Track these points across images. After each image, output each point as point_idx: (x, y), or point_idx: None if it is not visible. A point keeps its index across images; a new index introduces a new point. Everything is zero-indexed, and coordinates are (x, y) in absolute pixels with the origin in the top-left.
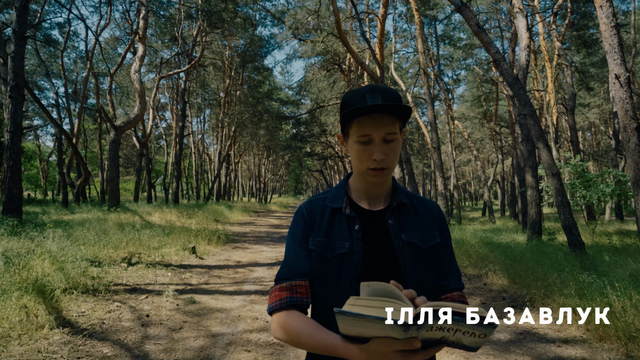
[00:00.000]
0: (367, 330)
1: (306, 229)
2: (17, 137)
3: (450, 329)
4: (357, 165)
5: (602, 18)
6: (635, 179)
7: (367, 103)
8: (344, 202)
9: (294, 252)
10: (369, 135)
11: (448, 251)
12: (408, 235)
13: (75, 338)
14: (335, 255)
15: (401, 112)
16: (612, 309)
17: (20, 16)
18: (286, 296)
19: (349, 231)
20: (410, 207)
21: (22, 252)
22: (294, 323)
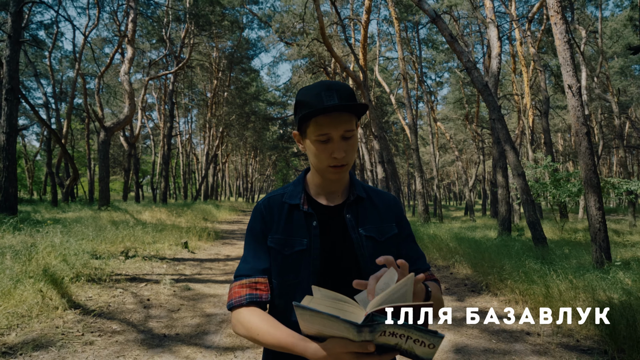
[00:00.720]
0: (325, 329)
1: (264, 225)
2: (13, 138)
3: (402, 336)
4: (316, 163)
5: (556, 34)
6: (586, 178)
7: (323, 102)
8: (301, 198)
9: (253, 249)
10: (328, 134)
11: (410, 238)
12: (366, 228)
13: (86, 317)
14: (293, 252)
15: (357, 110)
16: (549, 289)
17: (15, 21)
18: (246, 293)
19: (307, 228)
20: (367, 201)
21: (27, 246)
22: (253, 320)
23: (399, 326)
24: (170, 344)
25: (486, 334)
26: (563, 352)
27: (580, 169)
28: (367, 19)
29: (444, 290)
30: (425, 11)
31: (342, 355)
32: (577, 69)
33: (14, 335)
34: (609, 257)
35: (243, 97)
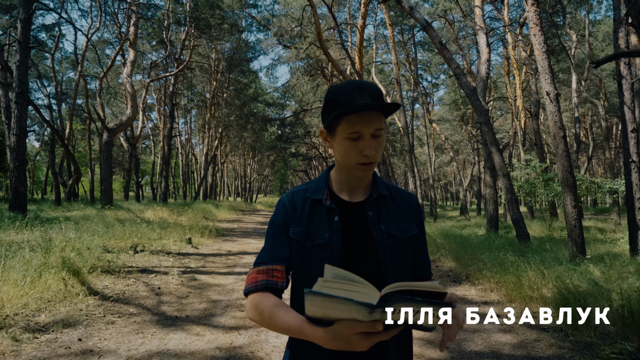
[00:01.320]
0: (333, 312)
1: (287, 218)
2: (23, 140)
3: (413, 311)
4: (345, 160)
5: (535, 44)
6: (563, 178)
7: (356, 101)
8: (324, 194)
9: (273, 238)
10: (360, 131)
11: (424, 243)
12: (387, 226)
13: (105, 302)
14: (314, 245)
15: (387, 109)
16: (519, 279)
17: (25, 28)
18: (262, 279)
19: (329, 222)
20: (389, 199)
21: (45, 241)
22: (266, 304)
23: (414, 303)
24: (182, 324)
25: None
26: (525, 330)
27: (557, 170)
28: (363, 24)
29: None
30: (416, 19)
31: (351, 336)
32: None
33: (44, 316)
34: (583, 252)
35: (242, 99)
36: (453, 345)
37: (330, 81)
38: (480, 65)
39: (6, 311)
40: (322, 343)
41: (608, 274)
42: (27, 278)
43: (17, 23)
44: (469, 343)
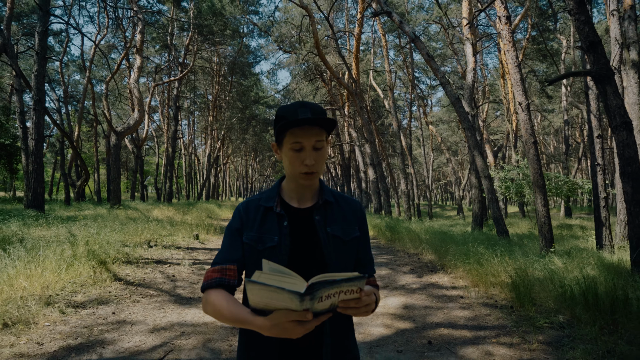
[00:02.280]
0: (270, 301)
1: (241, 224)
2: (40, 144)
3: (335, 294)
4: (290, 170)
5: (508, 59)
6: (534, 180)
7: (298, 116)
8: (275, 201)
9: (228, 242)
10: (301, 143)
11: (366, 243)
12: (332, 228)
13: (129, 287)
14: (265, 248)
15: (327, 124)
16: (483, 267)
17: (42, 40)
18: (216, 277)
19: (279, 227)
20: (335, 205)
21: (70, 236)
22: (218, 299)
23: (334, 284)
24: (195, 303)
25: (430, 298)
26: (481, 308)
27: (530, 173)
28: (359, 32)
29: (409, 271)
30: (405, 32)
31: (286, 324)
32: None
33: (80, 296)
34: (551, 246)
35: (244, 101)
36: (419, 318)
37: (329, 85)
38: (467, 74)
39: (50, 292)
40: (262, 331)
41: (569, 264)
42: (63, 266)
43: (35, 35)
44: (432, 317)
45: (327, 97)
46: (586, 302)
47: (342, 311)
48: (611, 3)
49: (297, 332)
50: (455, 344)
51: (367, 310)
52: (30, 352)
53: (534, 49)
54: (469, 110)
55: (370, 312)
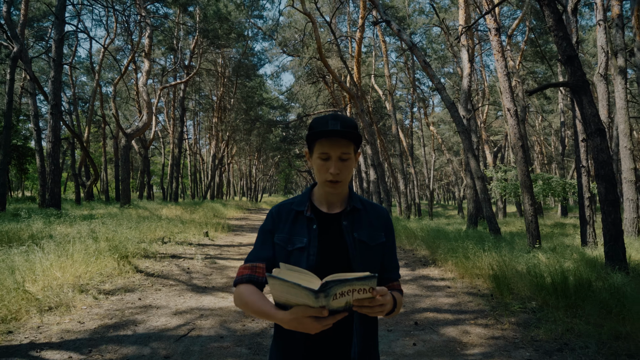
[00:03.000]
0: (290, 297)
1: (273, 226)
2: (57, 146)
3: (349, 292)
4: (318, 177)
5: (498, 69)
6: (522, 181)
7: (328, 128)
8: (306, 206)
9: (260, 241)
10: (328, 153)
11: (392, 249)
12: (359, 234)
13: (150, 278)
14: (295, 248)
15: (354, 138)
16: (474, 262)
17: (58, 47)
18: (247, 273)
19: (308, 229)
20: (362, 211)
21: (91, 232)
22: (247, 294)
23: (346, 282)
24: (210, 291)
25: (420, 287)
26: (464, 296)
27: (518, 174)
28: (361, 37)
29: (403, 265)
30: (403, 40)
31: (303, 319)
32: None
33: (108, 285)
34: (536, 242)
35: (249, 103)
36: (408, 304)
37: (332, 87)
38: (463, 79)
39: (81, 281)
40: (282, 323)
41: (552, 259)
42: (90, 259)
43: (45, 38)
44: (420, 303)
45: (329, 99)
46: (555, 289)
47: (358, 310)
48: (598, 13)
49: (314, 327)
50: (438, 325)
51: (381, 310)
52: (74, 329)
53: (532, 52)
54: (464, 114)
55: (385, 312)
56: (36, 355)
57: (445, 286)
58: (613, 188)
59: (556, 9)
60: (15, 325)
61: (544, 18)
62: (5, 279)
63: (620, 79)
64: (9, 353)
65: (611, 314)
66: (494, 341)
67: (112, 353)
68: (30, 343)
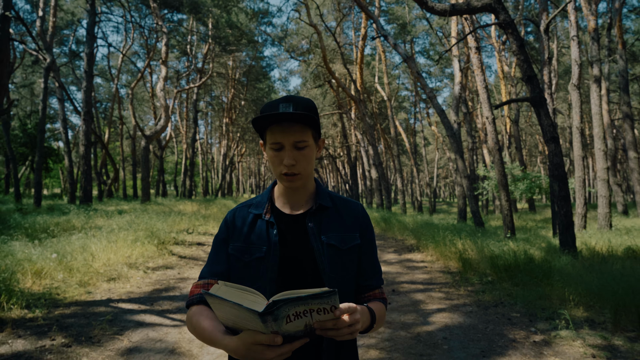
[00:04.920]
0: (238, 321)
1: (227, 234)
2: (89, 149)
3: (305, 313)
4: (273, 170)
5: (477, 82)
6: (499, 180)
7: (278, 111)
8: (265, 208)
9: (213, 254)
10: (280, 142)
11: (371, 251)
12: (328, 236)
13: (183, 259)
14: (252, 259)
15: (310, 122)
16: (445, 246)
17: (89, 60)
18: (198, 293)
19: (267, 236)
20: (332, 210)
21: (130, 223)
22: (196, 317)
23: (299, 301)
24: None
25: (403, 267)
26: (437, 273)
27: (495, 174)
28: (363, 45)
29: (393, 251)
30: (399, 53)
31: (252, 346)
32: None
33: (151, 263)
34: (513, 233)
35: (259, 105)
36: (390, 278)
37: (337, 90)
38: (454, 87)
39: (130, 260)
40: (230, 352)
41: (520, 246)
42: (137, 244)
43: (83, 57)
44: (400, 278)
45: (335, 102)
46: (505, 267)
47: (321, 333)
48: (572, 29)
49: (266, 356)
50: (410, 292)
51: (351, 331)
52: (135, 291)
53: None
54: (455, 118)
55: (356, 333)
56: (114, 305)
57: (424, 266)
58: (565, 186)
59: (519, 36)
60: (91, 289)
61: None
62: (77, 257)
63: (595, 87)
64: (94, 304)
65: (541, 283)
66: (449, 302)
67: (167, 305)
68: (107, 299)
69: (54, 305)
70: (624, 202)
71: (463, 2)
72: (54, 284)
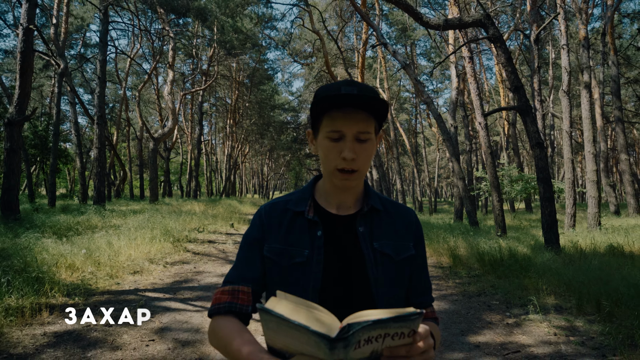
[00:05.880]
0: (292, 343)
1: (262, 233)
2: (102, 152)
3: (378, 338)
4: (325, 164)
5: (472, 90)
6: (491, 182)
7: (341, 92)
8: (307, 205)
9: (244, 256)
10: (341, 130)
11: (423, 265)
12: (381, 244)
13: (197, 255)
14: (292, 264)
15: (377, 109)
16: (440, 244)
17: (102, 67)
18: (226, 300)
19: (310, 237)
20: (384, 214)
21: (146, 221)
22: (225, 330)
23: (379, 325)
24: None
25: None
26: (430, 267)
27: (488, 176)
28: (364, 50)
29: None
30: (398, 60)
31: None
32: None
33: (168, 259)
34: (504, 232)
35: (262, 108)
36: None
37: None
38: (452, 92)
39: (150, 256)
40: None
41: (510, 244)
42: (155, 241)
43: (96, 63)
44: None
45: None
46: (491, 261)
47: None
48: (562, 39)
49: None
50: None
51: (424, 359)
52: (158, 282)
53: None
54: (452, 122)
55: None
56: (141, 294)
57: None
58: (549, 188)
59: (506, 49)
60: (119, 281)
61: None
62: (103, 253)
63: (585, 92)
64: (124, 293)
65: (520, 275)
66: (438, 292)
67: (188, 294)
68: (135, 289)
69: (89, 293)
70: (616, 202)
71: (455, 18)
72: (85, 276)
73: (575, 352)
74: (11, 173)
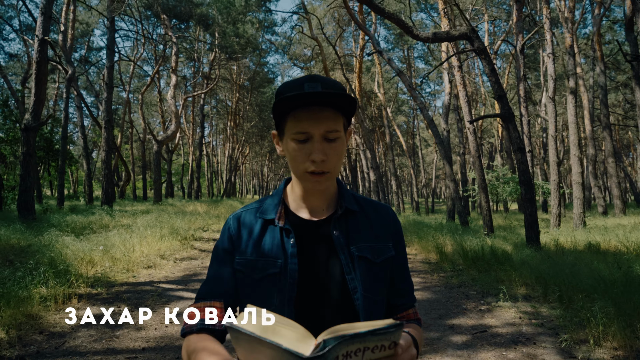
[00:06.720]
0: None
1: (231, 244)
2: (109, 155)
3: (357, 352)
4: (294, 167)
5: (460, 97)
6: (479, 183)
7: (304, 91)
8: (278, 212)
9: (214, 269)
10: (307, 132)
11: (404, 265)
12: (358, 247)
13: (203, 252)
14: (265, 276)
15: (344, 105)
16: (427, 242)
17: (110, 73)
18: (198, 318)
19: (283, 247)
20: (360, 214)
21: (155, 220)
22: (197, 353)
23: (356, 339)
24: None
25: None
26: (418, 263)
27: (476, 178)
28: (361, 55)
29: None
30: (393, 67)
31: None
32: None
33: (177, 255)
34: (492, 231)
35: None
36: None
37: None
38: (445, 97)
39: (160, 252)
40: None
41: (494, 242)
42: (165, 239)
43: (104, 70)
44: None
45: None
46: (473, 257)
47: None
48: (548, 47)
49: None
50: None
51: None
52: (170, 275)
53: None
54: (445, 126)
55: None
56: (156, 285)
57: (409, 259)
58: (531, 190)
59: (490, 61)
60: (135, 274)
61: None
62: (118, 249)
63: (571, 98)
64: (140, 284)
65: (498, 269)
66: (424, 284)
67: (198, 286)
68: (150, 281)
69: (109, 285)
70: (604, 203)
71: (443, 32)
72: (105, 270)
73: (534, 331)
74: (27, 175)
